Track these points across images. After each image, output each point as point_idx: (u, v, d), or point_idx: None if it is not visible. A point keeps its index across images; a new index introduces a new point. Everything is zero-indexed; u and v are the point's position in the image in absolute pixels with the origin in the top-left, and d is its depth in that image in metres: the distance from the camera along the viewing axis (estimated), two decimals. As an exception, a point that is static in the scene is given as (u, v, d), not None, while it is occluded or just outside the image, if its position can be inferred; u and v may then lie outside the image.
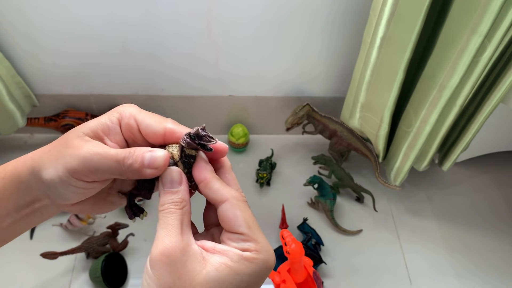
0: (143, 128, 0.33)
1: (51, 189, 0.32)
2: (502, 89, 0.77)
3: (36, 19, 0.96)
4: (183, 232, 0.29)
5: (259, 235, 0.30)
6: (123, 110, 0.33)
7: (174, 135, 0.32)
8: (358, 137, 1.07)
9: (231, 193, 0.31)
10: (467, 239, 1.07)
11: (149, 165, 0.31)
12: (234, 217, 0.30)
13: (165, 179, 0.32)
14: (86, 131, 0.32)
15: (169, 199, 0.31)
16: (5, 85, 1.02)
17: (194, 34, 1.00)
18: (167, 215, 0.30)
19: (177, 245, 0.28)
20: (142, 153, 0.31)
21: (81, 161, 0.30)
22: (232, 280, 0.28)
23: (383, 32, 0.81)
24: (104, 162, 0.31)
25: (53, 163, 0.31)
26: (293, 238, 0.83)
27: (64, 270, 0.98)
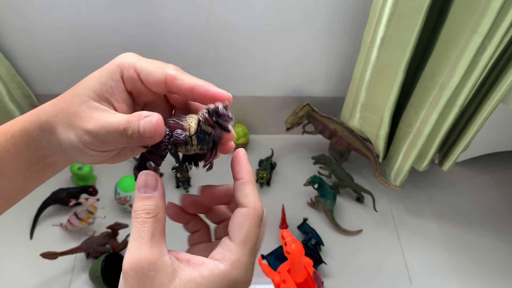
0: (143, 77, 0.32)
1: (64, 150, 0.32)
2: (502, 89, 0.77)
3: (36, 19, 0.96)
4: (153, 244, 0.28)
5: (245, 254, 0.29)
6: (122, 61, 0.32)
7: (175, 82, 0.31)
8: (358, 137, 1.07)
9: (256, 204, 0.31)
10: (467, 239, 1.07)
11: (144, 134, 0.29)
12: (240, 225, 0.30)
13: (138, 183, 0.31)
14: (90, 94, 0.31)
15: (142, 206, 0.29)
16: (5, 85, 1.02)
17: (194, 34, 1.00)
18: (139, 226, 0.29)
19: (146, 260, 0.27)
20: (138, 120, 0.30)
21: (90, 135, 0.30)
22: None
23: (383, 32, 0.81)
24: (111, 135, 0.30)
25: (64, 130, 0.31)
26: (293, 238, 0.83)
27: (64, 270, 0.98)
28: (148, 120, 0.29)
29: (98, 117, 0.30)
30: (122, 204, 1.04)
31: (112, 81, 0.31)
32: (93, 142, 0.30)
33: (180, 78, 0.31)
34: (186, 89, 0.31)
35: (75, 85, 0.32)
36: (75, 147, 0.31)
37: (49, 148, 0.32)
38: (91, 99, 0.31)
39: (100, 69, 0.32)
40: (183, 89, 0.31)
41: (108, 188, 1.10)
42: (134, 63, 0.32)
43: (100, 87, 0.31)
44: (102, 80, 0.31)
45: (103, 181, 1.13)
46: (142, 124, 0.29)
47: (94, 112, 0.30)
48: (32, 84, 1.11)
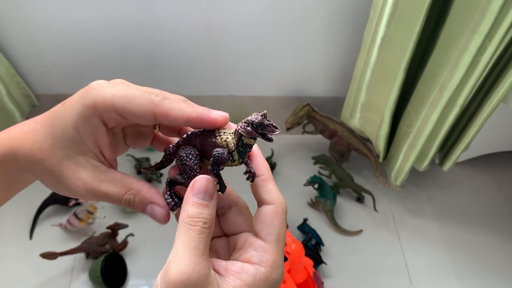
0: (128, 117, 0.29)
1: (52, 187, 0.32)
2: (503, 89, 0.77)
3: (36, 19, 0.96)
4: (206, 256, 0.27)
5: (280, 253, 0.30)
6: (96, 103, 0.28)
7: (167, 118, 0.29)
8: (359, 137, 1.07)
9: (281, 200, 0.30)
10: (467, 239, 1.07)
11: (152, 218, 0.31)
12: (271, 224, 0.29)
13: (198, 187, 0.28)
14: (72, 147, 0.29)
15: (199, 213, 0.28)
16: (5, 85, 1.02)
17: (194, 34, 1.00)
18: (195, 235, 0.27)
19: (200, 274, 0.26)
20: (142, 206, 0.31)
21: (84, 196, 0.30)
22: None
23: (384, 31, 0.81)
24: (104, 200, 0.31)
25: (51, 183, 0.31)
26: (293, 239, 0.83)
27: (63, 270, 0.98)
28: (158, 211, 0.31)
29: (88, 181, 0.30)
30: (122, 204, 1.03)
31: (91, 128, 0.29)
32: (86, 197, 0.31)
33: (172, 113, 0.29)
34: (181, 123, 0.30)
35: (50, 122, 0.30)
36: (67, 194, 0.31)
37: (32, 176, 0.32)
38: (74, 152, 0.29)
39: (75, 109, 0.29)
40: (178, 123, 0.30)
41: (108, 188, 1.10)
42: (111, 103, 0.28)
43: (80, 137, 0.29)
44: (80, 129, 0.29)
45: (103, 181, 1.13)
46: (149, 211, 0.31)
47: (81, 174, 0.29)
48: (32, 84, 1.11)
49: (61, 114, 0.30)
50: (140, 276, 0.98)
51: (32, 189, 0.44)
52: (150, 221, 0.32)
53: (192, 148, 0.31)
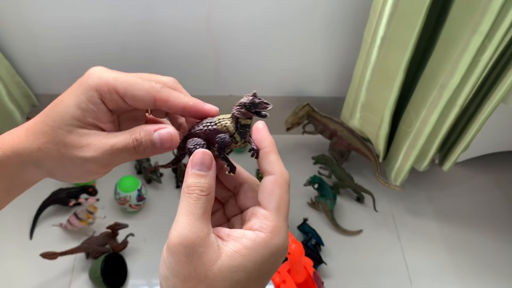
0: (129, 100, 0.31)
1: (58, 178, 0.32)
2: (503, 89, 0.77)
3: (36, 19, 0.96)
4: (204, 220, 0.29)
5: (281, 220, 0.30)
6: (99, 84, 0.30)
7: (167, 104, 0.31)
8: (359, 137, 1.07)
9: (282, 171, 0.31)
10: (467, 239, 1.07)
11: (162, 146, 0.31)
12: (271, 192, 0.30)
13: (195, 160, 0.30)
14: (74, 123, 0.30)
15: (196, 183, 0.30)
16: (5, 85, 1.02)
17: (194, 34, 1.00)
18: (192, 201, 0.29)
19: (197, 236, 0.28)
20: (148, 136, 0.31)
21: (93, 161, 0.30)
22: (244, 268, 0.28)
23: (384, 32, 0.81)
24: (116, 156, 0.30)
25: (56, 164, 0.31)
26: (293, 239, 0.83)
27: (64, 270, 0.98)
28: (165, 132, 0.31)
29: (95, 142, 0.30)
30: (122, 204, 1.03)
31: (93, 105, 0.30)
32: (96, 168, 0.31)
33: (171, 100, 0.31)
34: (177, 110, 0.32)
35: (47, 111, 0.31)
36: (74, 175, 0.31)
37: (35, 176, 0.32)
38: (77, 127, 0.30)
39: (74, 92, 0.30)
40: (174, 110, 0.32)
41: (108, 188, 1.10)
42: (114, 86, 0.30)
43: (82, 113, 0.30)
44: (83, 106, 0.30)
45: (103, 181, 1.13)
46: (157, 138, 0.31)
47: (88, 139, 0.30)
48: (32, 84, 1.11)
49: (62, 99, 0.31)
50: (140, 276, 0.98)
51: (32, 189, 0.44)
52: (150, 221, 0.32)
53: (198, 138, 0.33)
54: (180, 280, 0.28)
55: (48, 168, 0.31)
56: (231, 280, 0.28)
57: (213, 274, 0.28)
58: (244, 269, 0.28)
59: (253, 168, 1.17)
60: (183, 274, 0.28)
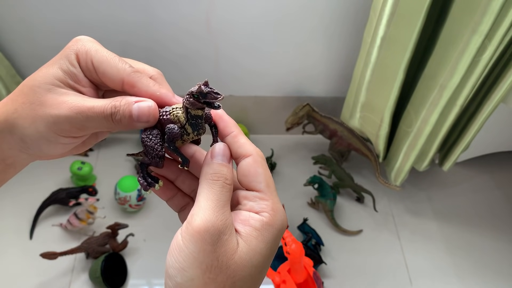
0: (100, 74, 0.30)
1: (29, 146, 0.30)
2: (503, 89, 0.77)
3: (36, 19, 0.96)
4: (228, 209, 0.28)
5: (275, 195, 0.30)
6: (79, 48, 0.30)
7: (133, 89, 0.30)
8: (359, 137, 1.07)
9: (256, 150, 0.31)
10: (467, 239, 1.07)
11: (138, 119, 0.30)
12: (255, 173, 0.30)
13: (216, 151, 0.30)
14: (55, 82, 0.29)
15: (221, 171, 0.29)
16: (5, 85, 1.02)
17: (194, 34, 1.00)
18: (218, 188, 0.28)
19: (224, 223, 0.27)
20: (128, 106, 0.29)
21: (66, 121, 0.29)
22: (260, 250, 0.28)
23: (384, 32, 0.81)
24: (91, 119, 0.29)
25: (29, 124, 0.29)
26: (293, 238, 0.83)
27: (64, 270, 0.98)
28: (144, 105, 0.30)
29: (72, 101, 0.29)
30: (122, 204, 1.03)
31: (73, 68, 0.30)
32: (68, 129, 0.29)
33: (137, 86, 0.30)
34: (144, 96, 0.31)
35: (29, 76, 0.30)
36: (45, 138, 0.30)
37: (10, 149, 0.30)
38: (57, 87, 0.29)
39: (57, 57, 0.30)
40: (140, 95, 0.31)
41: (108, 188, 1.10)
42: (91, 55, 0.30)
43: (63, 74, 0.30)
44: (64, 68, 0.30)
45: (103, 181, 1.13)
46: (136, 109, 0.29)
47: (65, 97, 0.29)
48: (32, 84, 1.11)
49: (46, 64, 0.30)
50: (140, 276, 0.98)
51: (33, 189, 0.44)
52: (150, 221, 0.32)
53: (153, 129, 0.31)
54: (201, 271, 0.26)
55: (21, 134, 0.30)
56: (251, 266, 0.27)
57: (235, 262, 0.27)
58: (259, 251, 0.28)
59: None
60: (205, 264, 0.26)
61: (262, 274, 0.29)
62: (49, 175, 1.12)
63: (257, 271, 0.28)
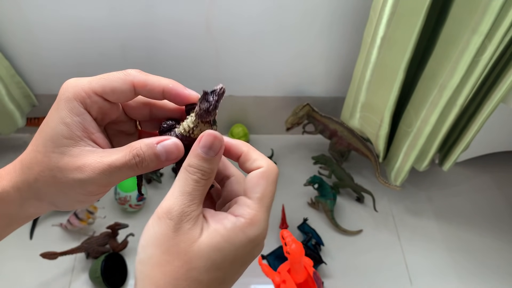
0: (109, 95, 0.30)
1: (61, 207, 0.31)
2: (503, 89, 0.77)
3: (36, 19, 0.96)
4: (199, 203, 0.29)
5: (263, 211, 0.30)
6: (76, 92, 0.29)
7: (146, 88, 0.30)
8: (359, 137, 1.07)
9: (269, 163, 0.31)
10: (467, 239, 1.07)
11: (168, 159, 0.30)
12: (257, 183, 0.30)
13: (204, 141, 0.29)
14: (63, 142, 0.28)
15: (199, 165, 0.29)
16: (5, 85, 1.02)
17: (194, 34, 1.00)
18: (192, 182, 0.29)
19: (190, 217, 0.28)
20: (152, 150, 0.29)
21: (92, 183, 0.29)
22: (221, 248, 0.28)
23: (384, 32, 0.81)
24: (116, 174, 0.29)
25: (57, 191, 0.29)
26: (293, 238, 0.83)
27: (64, 270, 0.98)
28: (170, 143, 0.30)
29: (91, 162, 0.28)
30: (122, 204, 1.03)
31: (77, 116, 0.29)
32: (96, 188, 0.30)
33: (149, 83, 0.30)
34: (157, 93, 0.31)
35: (36, 138, 0.30)
36: (76, 200, 0.30)
37: (36, 211, 0.32)
38: (68, 147, 0.29)
39: (56, 110, 0.29)
40: (154, 93, 0.31)
41: (108, 188, 1.10)
42: (90, 88, 0.29)
43: (68, 129, 0.29)
44: (67, 121, 0.29)
45: (103, 181, 1.13)
46: (162, 150, 0.30)
47: (83, 159, 0.29)
48: (32, 84, 1.11)
49: (46, 121, 0.30)
50: (140, 276, 0.98)
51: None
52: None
53: None
54: (160, 251, 0.28)
55: (50, 198, 0.30)
56: (208, 259, 0.28)
57: (192, 251, 0.28)
58: (221, 249, 0.28)
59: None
60: (165, 247, 0.28)
61: (223, 274, 0.29)
62: (49, 175, 1.12)
63: (214, 268, 0.28)
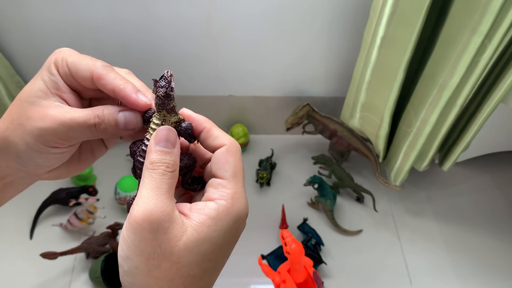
0: (73, 73, 0.31)
1: (25, 160, 0.31)
2: (502, 89, 0.77)
3: (36, 19, 0.96)
4: (170, 196, 0.28)
5: (239, 186, 0.30)
6: (57, 57, 0.32)
7: (100, 81, 0.31)
8: (358, 137, 1.07)
9: (231, 140, 0.32)
10: (467, 239, 1.07)
11: (126, 127, 0.31)
12: (225, 162, 0.30)
13: (159, 136, 0.30)
14: (38, 94, 0.31)
15: (162, 159, 0.29)
16: (4, 85, 1.02)
17: (194, 34, 1.00)
18: (157, 176, 0.28)
19: (163, 211, 0.27)
20: (112, 116, 0.31)
21: (51, 133, 0.30)
22: (210, 239, 0.28)
23: (384, 32, 0.81)
24: (75, 130, 0.30)
25: (20, 138, 0.30)
26: (293, 238, 0.83)
27: (64, 270, 0.98)
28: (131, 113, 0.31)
29: (54, 113, 0.30)
30: (122, 204, 1.03)
31: (53, 76, 0.31)
32: (54, 140, 0.30)
33: (104, 78, 0.31)
34: (109, 90, 0.31)
35: (20, 92, 0.32)
36: (36, 150, 0.31)
37: (8, 167, 0.32)
38: (40, 98, 0.31)
39: (41, 69, 0.32)
40: (106, 89, 0.32)
41: (108, 188, 1.10)
42: (66, 58, 0.31)
43: (44, 84, 0.31)
44: (45, 78, 0.31)
45: (103, 181, 1.13)
46: (122, 118, 0.31)
47: (48, 110, 0.30)
48: (32, 84, 1.11)
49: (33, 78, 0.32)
50: (140, 276, 0.98)
51: (33, 189, 0.44)
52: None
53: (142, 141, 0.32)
54: (144, 258, 0.27)
55: (14, 148, 0.31)
56: (197, 253, 0.28)
57: (179, 249, 0.27)
58: (210, 239, 0.28)
59: (253, 169, 1.17)
60: (147, 252, 0.27)
61: (214, 263, 0.29)
62: (49, 175, 1.12)
63: (206, 259, 0.28)
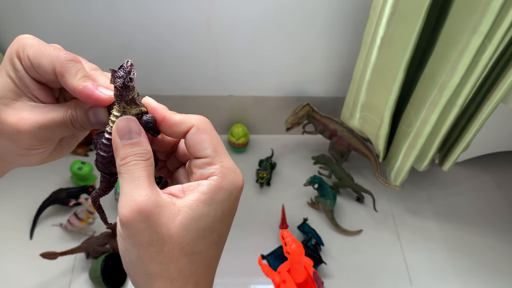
0: (36, 68, 0.29)
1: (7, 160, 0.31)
2: (503, 89, 0.77)
3: (36, 19, 0.96)
4: (151, 183, 0.27)
5: (224, 157, 0.30)
6: (18, 49, 0.29)
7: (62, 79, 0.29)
8: (358, 137, 1.07)
9: (198, 118, 0.30)
10: (467, 239, 1.07)
11: (97, 123, 0.30)
12: (200, 141, 0.29)
13: (121, 129, 0.28)
14: (9, 94, 0.29)
15: (131, 151, 0.28)
16: (5, 85, 1.02)
17: (194, 34, 1.00)
18: (132, 168, 0.27)
19: (148, 198, 0.26)
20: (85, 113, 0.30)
21: (30, 137, 0.29)
22: (207, 213, 0.28)
23: (384, 32, 0.81)
24: (53, 130, 0.30)
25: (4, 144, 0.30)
26: (293, 238, 0.83)
27: (64, 270, 0.98)
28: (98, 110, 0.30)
29: (29, 117, 0.29)
30: (122, 204, 1.03)
31: (18, 72, 0.29)
32: (34, 143, 0.30)
33: (65, 76, 0.29)
34: (70, 90, 0.29)
35: None
36: (17, 153, 0.30)
37: None
38: (12, 100, 0.29)
39: (4, 61, 0.30)
40: (68, 89, 0.30)
41: (108, 188, 1.10)
42: (27, 50, 0.29)
43: (12, 82, 0.29)
44: (11, 74, 0.29)
45: (103, 181, 1.13)
46: (92, 115, 0.30)
47: (23, 113, 0.29)
48: (32, 84, 1.11)
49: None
50: (140, 276, 0.98)
51: (33, 189, 0.44)
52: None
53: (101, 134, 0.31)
54: (144, 248, 0.27)
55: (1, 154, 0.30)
56: (197, 229, 0.27)
57: (177, 230, 0.27)
58: (207, 214, 0.28)
59: (253, 169, 1.17)
60: (145, 241, 0.26)
61: (217, 235, 0.29)
62: (49, 175, 1.12)
63: (207, 233, 0.28)
